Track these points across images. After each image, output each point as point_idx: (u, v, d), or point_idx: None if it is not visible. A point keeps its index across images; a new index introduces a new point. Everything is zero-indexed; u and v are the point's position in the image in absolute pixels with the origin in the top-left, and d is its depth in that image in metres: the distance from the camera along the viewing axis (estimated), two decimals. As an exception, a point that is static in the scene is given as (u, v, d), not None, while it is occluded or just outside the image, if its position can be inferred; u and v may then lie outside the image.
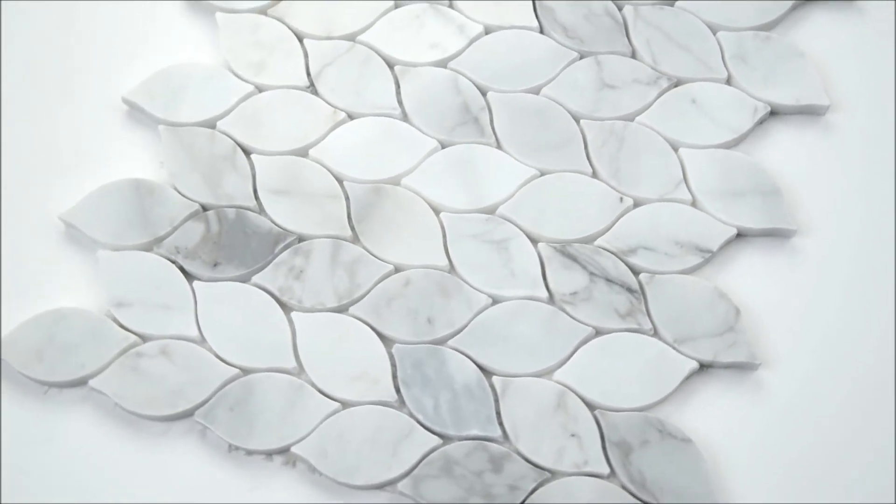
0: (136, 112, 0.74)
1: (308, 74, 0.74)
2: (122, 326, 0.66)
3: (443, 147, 0.72)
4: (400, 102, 0.73)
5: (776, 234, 0.71)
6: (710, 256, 0.69)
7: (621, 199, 0.70)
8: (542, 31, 0.76)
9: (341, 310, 0.67)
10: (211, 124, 0.73)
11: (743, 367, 0.67)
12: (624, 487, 0.63)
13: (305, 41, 0.75)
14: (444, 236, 0.69)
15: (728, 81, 0.75)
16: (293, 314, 0.67)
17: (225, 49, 0.75)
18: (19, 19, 0.77)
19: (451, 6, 0.77)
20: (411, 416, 0.64)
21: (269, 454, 0.64)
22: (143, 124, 0.74)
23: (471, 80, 0.74)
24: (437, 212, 0.70)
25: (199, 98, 0.73)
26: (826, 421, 0.66)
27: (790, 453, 0.65)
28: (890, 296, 0.69)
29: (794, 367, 0.67)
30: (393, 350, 0.66)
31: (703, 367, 0.67)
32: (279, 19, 0.76)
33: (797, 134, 0.74)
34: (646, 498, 0.62)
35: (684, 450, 0.64)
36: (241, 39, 0.75)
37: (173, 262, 0.68)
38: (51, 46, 0.76)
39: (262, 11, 0.76)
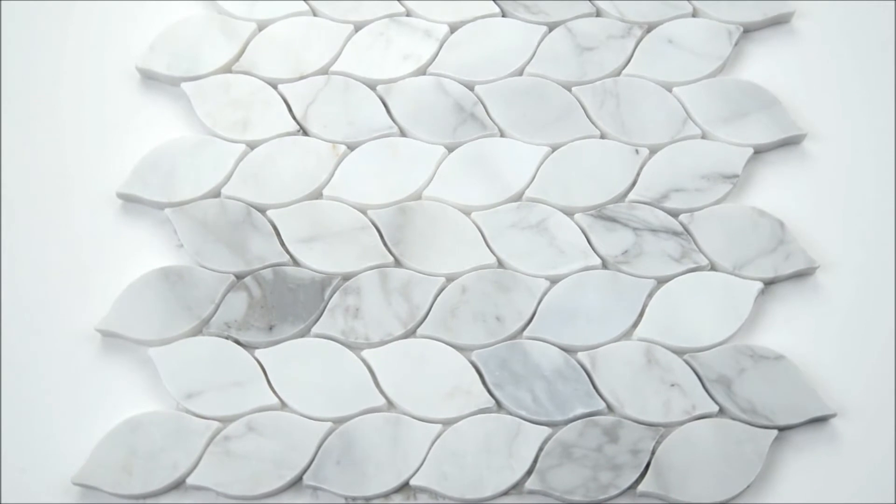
0: (135, 203, 0.71)
1: (294, 118, 0.73)
2: (199, 416, 0.64)
3: (450, 150, 0.72)
4: (394, 119, 0.73)
5: (787, 143, 0.72)
6: (737, 180, 0.70)
7: (636, 151, 0.71)
8: (504, 15, 0.77)
9: (409, 334, 0.67)
10: (215, 193, 0.71)
11: (803, 274, 0.68)
12: (738, 419, 0.64)
13: (280, 87, 0.74)
14: (483, 235, 0.69)
15: (694, 14, 0.76)
16: (364, 353, 0.66)
17: (203, 116, 0.73)
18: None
19: (408, 15, 0.77)
20: (514, 414, 0.64)
21: (388, 495, 0.63)
22: (144, 213, 0.71)
23: (455, 80, 0.74)
24: (467, 213, 0.70)
25: (194, 172, 0.71)
26: (892, 308, 0.68)
27: (868, 346, 0.67)
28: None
29: (848, 264, 0.69)
30: (473, 357, 0.66)
31: (766, 284, 0.68)
32: (247, 73, 0.75)
33: (769, 46, 0.76)
34: (762, 423, 0.63)
35: (781, 367, 0.65)
36: (215, 102, 0.73)
37: (227, 337, 0.66)
38: (34, 157, 0.73)
39: (227, 70, 0.75)
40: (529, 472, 0.63)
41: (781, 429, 0.63)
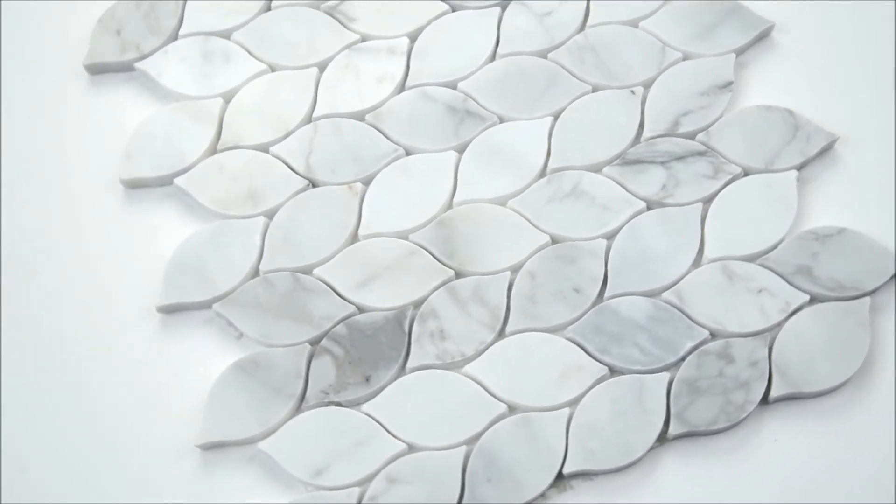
0: (176, 312, 0.69)
1: (298, 174, 0.72)
2: (336, 489, 0.62)
3: (460, 152, 0.72)
4: (394, 142, 0.72)
5: (760, 38, 0.75)
6: (732, 85, 0.73)
7: (632, 91, 0.73)
8: (453, 10, 0.77)
9: (500, 336, 0.67)
10: (254, 273, 0.69)
11: (825, 151, 0.71)
12: (830, 300, 0.66)
13: (272, 149, 0.73)
14: (526, 218, 0.70)
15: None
16: (465, 369, 0.66)
17: (209, 203, 0.71)
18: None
19: (364, 40, 0.76)
20: (630, 372, 0.65)
21: (544, 493, 0.63)
22: (187, 318, 0.68)
23: (436, 85, 0.74)
24: (502, 204, 0.70)
25: (224, 260, 0.69)
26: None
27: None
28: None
29: (858, 130, 0.72)
30: (569, 334, 0.66)
31: (798, 170, 0.70)
32: (233, 147, 0.73)
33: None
34: (853, 294, 0.66)
35: (846, 239, 0.68)
36: (217, 186, 0.71)
37: (328, 404, 0.65)
38: (59, 294, 0.70)
39: (213, 151, 0.73)
40: (667, 420, 0.63)
41: (871, 293, 0.66)
